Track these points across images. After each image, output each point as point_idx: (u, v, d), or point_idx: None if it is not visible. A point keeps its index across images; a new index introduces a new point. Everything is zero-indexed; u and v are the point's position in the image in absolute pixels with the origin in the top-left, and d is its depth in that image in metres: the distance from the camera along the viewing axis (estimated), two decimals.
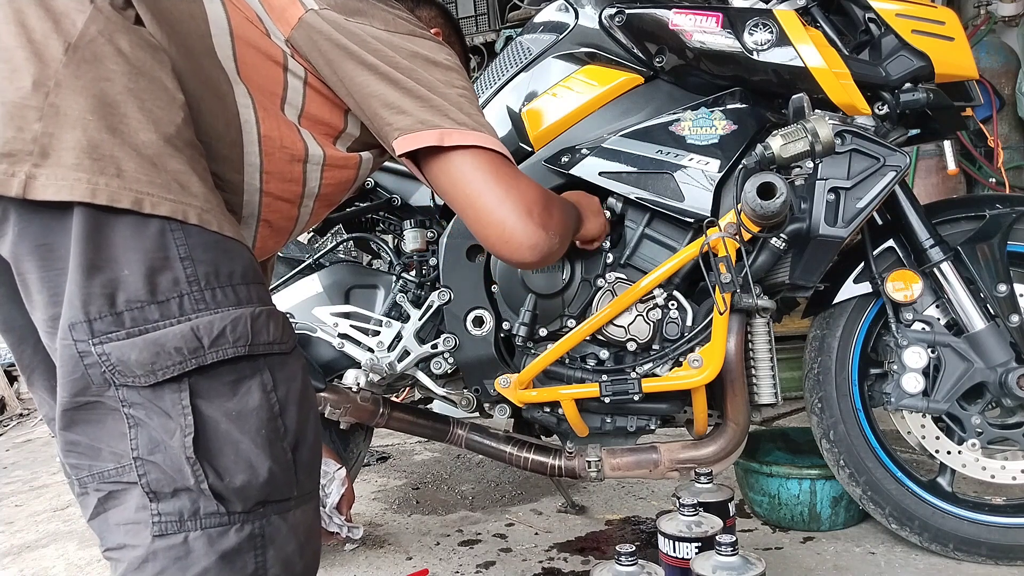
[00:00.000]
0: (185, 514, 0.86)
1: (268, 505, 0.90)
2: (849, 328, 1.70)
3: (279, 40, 1.07)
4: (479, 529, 2.04)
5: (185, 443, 0.84)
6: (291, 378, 0.93)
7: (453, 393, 1.70)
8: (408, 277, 1.70)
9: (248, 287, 0.91)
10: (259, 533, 0.89)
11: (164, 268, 0.84)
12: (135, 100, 0.85)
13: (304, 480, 0.95)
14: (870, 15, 1.57)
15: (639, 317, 1.56)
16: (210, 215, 0.88)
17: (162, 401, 0.85)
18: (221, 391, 0.87)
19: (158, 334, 0.83)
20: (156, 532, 0.86)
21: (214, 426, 0.86)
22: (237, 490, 0.87)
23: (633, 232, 1.61)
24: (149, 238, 0.83)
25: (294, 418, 0.92)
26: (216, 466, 0.86)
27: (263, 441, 0.88)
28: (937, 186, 3.31)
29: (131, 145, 0.83)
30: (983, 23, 3.53)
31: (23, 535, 2.34)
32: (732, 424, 1.56)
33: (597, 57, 1.67)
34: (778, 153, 1.40)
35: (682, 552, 1.31)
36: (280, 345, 0.92)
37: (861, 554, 1.72)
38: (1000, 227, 1.61)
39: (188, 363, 0.84)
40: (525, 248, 1.12)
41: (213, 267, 0.87)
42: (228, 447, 0.87)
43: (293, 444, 0.92)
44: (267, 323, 0.90)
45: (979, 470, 1.63)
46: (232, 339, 0.86)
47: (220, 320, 0.86)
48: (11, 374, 4.25)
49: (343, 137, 1.18)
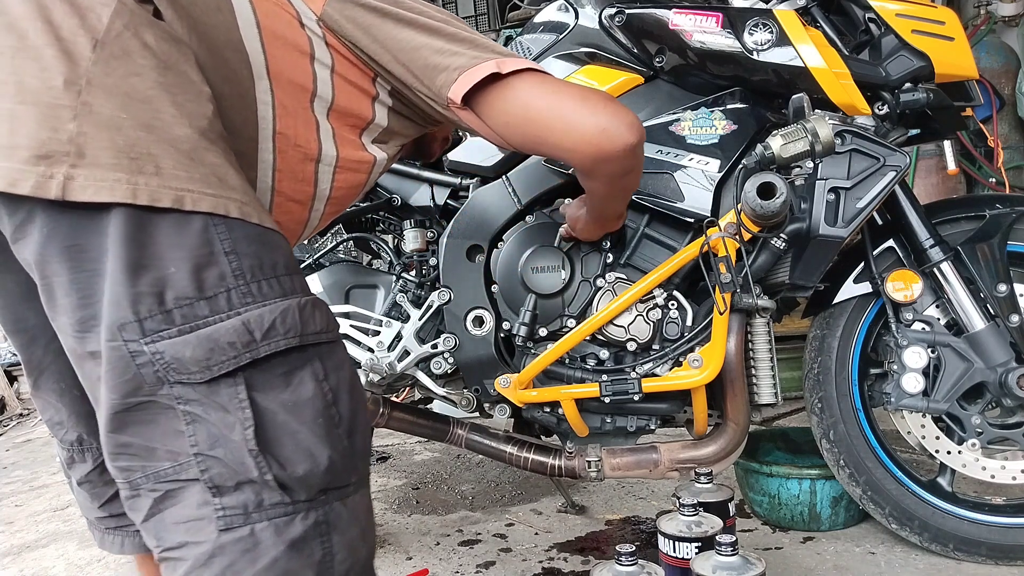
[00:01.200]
0: (250, 506, 0.85)
1: (330, 492, 0.90)
2: (849, 328, 1.70)
3: (310, 21, 1.06)
4: (479, 529, 2.04)
5: (247, 436, 0.84)
6: (340, 366, 0.93)
7: (453, 393, 1.70)
8: (408, 277, 1.70)
9: (291, 277, 0.90)
10: (323, 520, 0.89)
11: (210, 264, 0.83)
12: (167, 94, 0.83)
13: (360, 465, 0.95)
14: (870, 15, 1.57)
15: (639, 317, 1.56)
16: (249, 207, 0.87)
17: (219, 396, 0.84)
18: (275, 383, 0.86)
19: (210, 330, 0.82)
20: (222, 527, 0.85)
21: (272, 418, 0.86)
22: (300, 479, 0.87)
23: (633, 232, 1.61)
24: (193, 235, 0.82)
25: (347, 405, 0.92)
26: (278, 457, 0.86)
27: (321, 430, 0.88)
28: (937, 186, 3.31)
29: (167, 141, 0.82)
30: (983, 23, 3.53)
31: (23, 535, 2.34)
32: (732, 424, 1.56)
33: (597, 57, 1.67)
34: (778, 153, 1.40)
35: (682, 552, 1.31)
36: (327, 334, 0.92)
37: (861, 554, 1.72)
38: (1000, 227, 1.61)
39: (242, 357, 0.83)
40: (625, 128, 1.13)
41: (257, 260, 0.86)
42: (287, 437, 0.87)
43: (348, 430, 0.92)
44: (313, 313, 0.90)
45: (979, 470, 1.63)
46: (283, 331, 0.86)
47: (270, 312, 0.85)
48: (11, 374, 4.26)
49: (370, 128, 1.17)
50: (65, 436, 1.16)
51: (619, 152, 1.14)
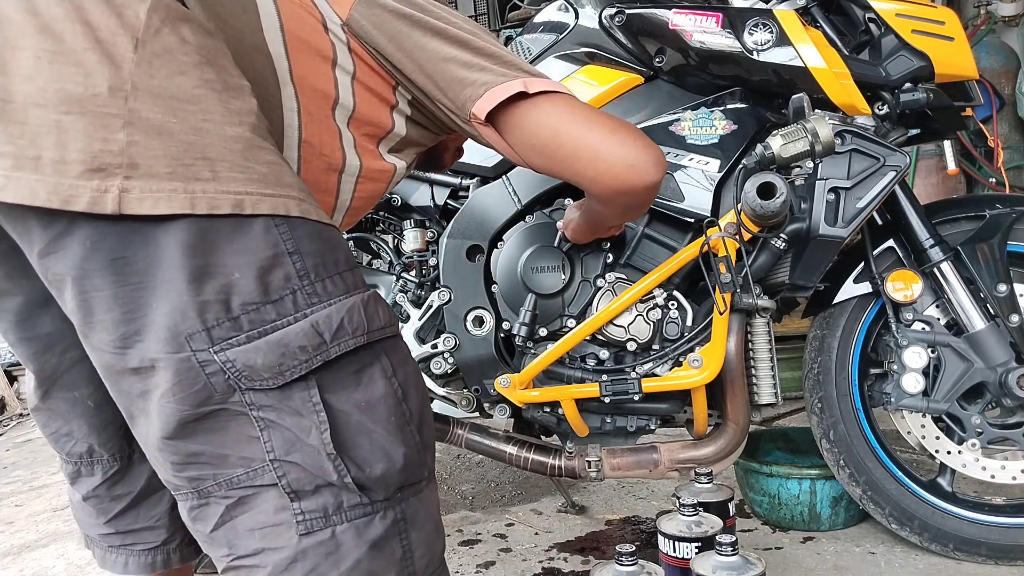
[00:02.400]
0: (329, 509, 0.84)
1: (405, 489, 0.89)
2: (849, 328, 1.70)
3: (335, 26, 1.04)
4: (479, 529, 2.04)
5: (324, 439, 0.82)
6: (405, 360, 0.92)
7: (453, 393, 1.70)
8: (408, 277, 1.70)
9: (353, 272, 0.88)
10: (401, 517, 0.88)
11: (274, 266, 0.80)
12: (213, 92, 0.80)
13: (430, 459, 0.94)
14: (870, 15, 1.57)
15: (639, 317, 1.56)
16: (308, 204, 0.85)
17: (292, 401, 0.82)
18: (347, 383, 0.85)
19: (280, 334, 0.80)
20: (302, 531, 0.84)
21: (346, 419, 0.84)
22: (378, 479, 0.86)
23: (633, 232, 1.61)
24: (255, 238, 0.80)
25: (416, 400, 0.91)
26: (355, 458, 0.85)
27: (394, 428, 0.87)
28: (937, 186, 3.31)
29: (220, 142, 0.79)
30: (983, 23, 3.53)
31: (23, 535, 2.33)
32: (732, 424, 1.56)
33: (597, 57, 1.67)
34: (778, 153, 1.40)
35: (682, 552, 1.31)
36: (391, 328, 0.90)
37: (861, 554, 1.72)
38: (1000, 227, 1.61)
39: (314, 360, 0.82)
40: (652, 166, 1.10)
41: (320, 257, 0.84)
42: (362, 438, 0.85)
43: (419, 425, 0.91)
44: (376, 308, 0.88)
45: (979, 470, 1.63)
46: (351, 330, 0.84)
47: (336, 312, 0.83)
48: (11, 374, 4.25)
49: (388, 138, 1.14)
50: (73, 448, 1.12)
51: (642, 188, 1.12)
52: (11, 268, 0.97)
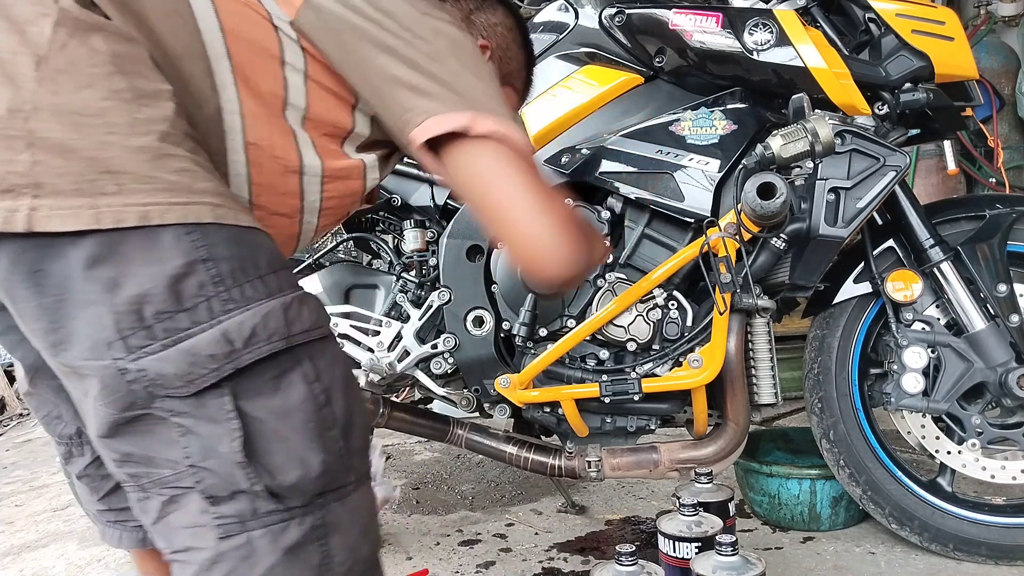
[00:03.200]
0: (245, 515, 0.85)
1: (327, 495, 0.89)
2: (849, 328, 1.69)
3: (283, 22, 1.00)
4: (479, 529, 2.04)
5: (234, 448, 0.83)
6: (333, 363, 0.90)
7: (453, 393, 1.70)
8: (408, 277, 1.70)
9: (277, 275, 0.87)
10: (320, 523, 0.88)
11: (187, 274, 0.81)
12: (121, 103, 0.80)
13: (358, 463, 0.93)
14: (870, 15, 1.57)
15: (639, 317, 1.56)
16: (224, 208, 0.84)
17: (206, 408, 0.83)
18: (264, 389, 0.85)
19: (190, 343, 0.81)
20: (220, 535, 0.86)
21: (261, 426, 0.85)
22: (292, 487, 0.86)
23: (633, 232, 1.61)
24: (165, 247, 0.80)
25: (341, 404, 0.90)
26: (268, 466, 0.85)
27: (312, 434, 0.86)
28: (937, 186, 3.31)
29: (125, 154, 0.80)
30: (983, 23, 3.53)
31: (23, 535, 2.33)
32: (732, 424, 1.56)
33: (597, 57, 1.67)
34: (778, 153, 1.40)
35: (682, 552, 1.31)
36: (317, 330, 0.89)
37: (861, 554, 1.72)
38: (1000, 227, 1.61)
39: (224, 368, 0.82)
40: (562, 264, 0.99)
41: (238, 262, 0.84)
42: (278, 445, 0.85)
43: (344, 430, 0.90)
44: (300, 310, 0.87)
45: (979, 470, 1.63)
46: (266, 335, 0.83)
47: (251, 318, 0.83)
48: (11, 374, 4.25)
49: (351, 138, 1.10)
50: (64, 430, 1.15)
51: (544, 280, 1.01)
52: None
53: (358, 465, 0.93)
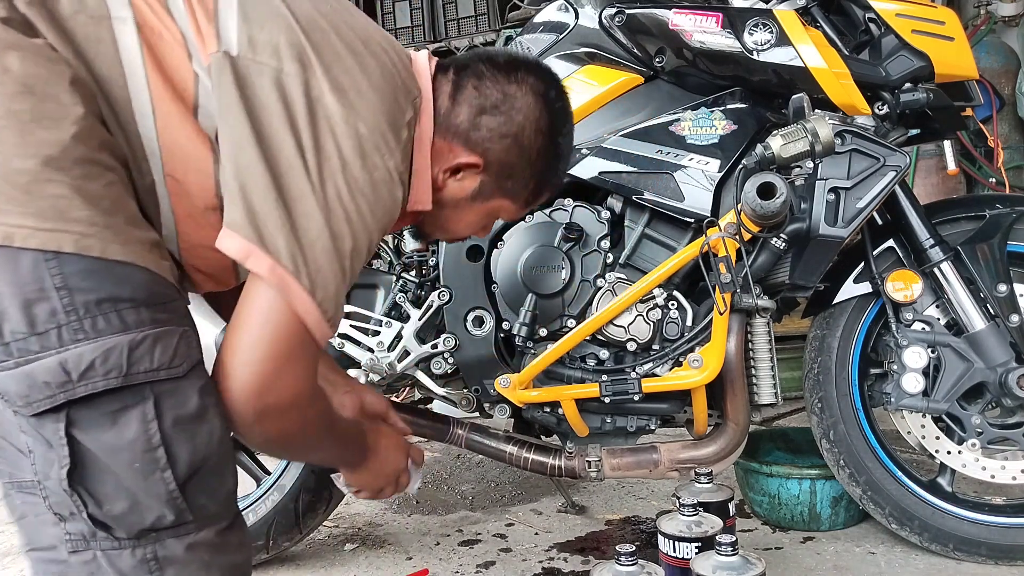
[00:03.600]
0: (87, 535, 0.88)
1: (161, 531, 0.90)
2: (849, 328, 1.69)
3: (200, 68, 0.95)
4: (479, 529, 2.04)
5: (61, 475, 0.86)
6: (181, 404, 0.90)
7: (453, 393, 1.70)
8: (408, 277, 1.70)
9: (138, 310, 0.87)
10: (151, 557, 0.90)
11: (40, 299, 0.83)
12: (16, 123, 0.83)
13: (204, 503, 0.92)
14: (870, 15, 1.57)
15: (639, 317, 1.56)
16: (92, 239, 0.85)
17: (45, 430, 0.86)
18: (100, 422, 0.86)
19: (30, 367, 0.83)
20: (70, 548, 0.89)
21: (92, 458, 0.87)
22: (116, 518, 0.88)
23: (633, 232, 1.61)
24: (23, 271, 0.82)
25: (184, 445, 0.90)
26: (95, 494, 0.87)
27: (137, 474, 0.87)
28: (937, 186, 3.31)
29: (4, 174, 0.82)
30: (983, 23, 3.53)
31: None
32: (732, 424, 1.56)
33: (597, 57, 1.67)
34: (778, 153, 1.40)
35: (682, 552, 1.31)
36: (169, 371, 0.88)
37: (861, 554, 1.72)
38: (1000, 227, 1.61)
39: (57, 397, 0.84)
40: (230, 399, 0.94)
41: (94, 295, 0.84)
42: (108, 476, 0.87)
43: (183, 472, 0.90)
44: (151, 349, 0.87)
45: (979, 470, 1.63)
46: (103, 371, 0.84)
47: (91, 351, 0.84)
48: None
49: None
50: None
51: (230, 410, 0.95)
52: None
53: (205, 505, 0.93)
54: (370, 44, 1.04)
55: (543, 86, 1.17)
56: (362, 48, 1.01)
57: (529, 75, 1.16)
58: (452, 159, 1.14)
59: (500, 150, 1.16)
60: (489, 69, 1.14)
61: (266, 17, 0.96)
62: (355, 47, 1.01)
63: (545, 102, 1.17)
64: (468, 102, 1.13)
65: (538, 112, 1.16)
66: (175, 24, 0.94)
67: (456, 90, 1.14)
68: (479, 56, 1.17)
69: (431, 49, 4.47)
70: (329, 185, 0.95)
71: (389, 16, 4.36)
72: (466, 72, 1.15)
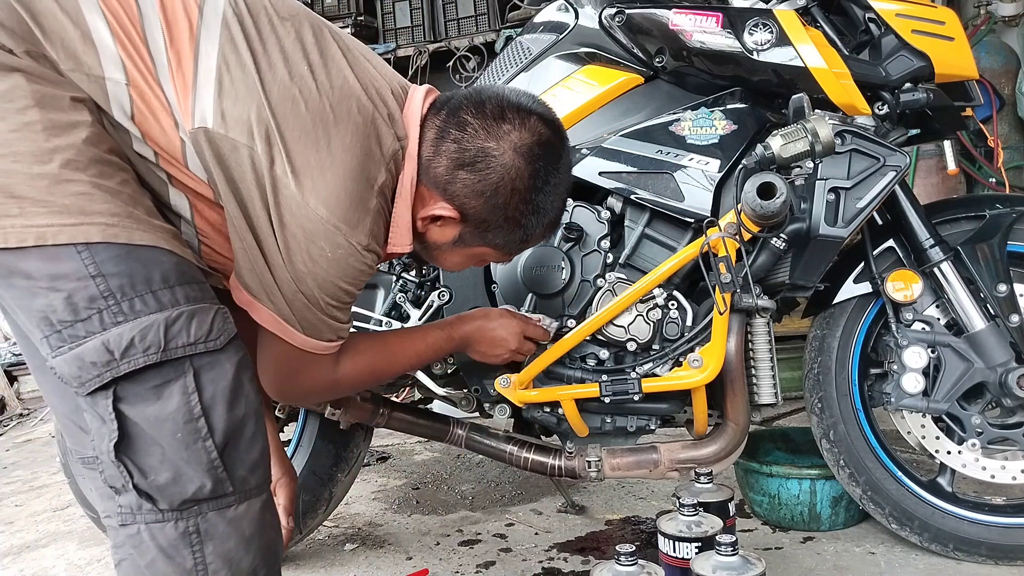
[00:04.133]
0: (133, 508, 0.95)
1: (203, 503, 0.95)
2: (849, 328, 1.69)
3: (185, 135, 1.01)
4: (479, 529, 2.04)
5: (109, 447, 0.92)
6: (220, 377, 0.97)
7: (453, 393, 1.70)
8: (408, 277, 1.70)
9: (172, 290, 0.95)
10: (193, 530, 0.95)
11: (80, 288, 0.90)
12: (30, 133, 0.89)
13: (244, 475, 0.99)
14: (870, 15, 1.57)
15: (639, 317, 1.56)
16: (116, 228, 0.92)
17: (98, 407, 0.93)
18: (145, 396, 0.93)
19: (79, 350, 0.91)
20: (120, 522, 0.96)
21: (138, 430, 0.93)
22: (160, 488, 0.94)
23: (633, 232, 1.61)
24: (61, 264, 0.90)
25: (223, 417, 0.96)
26: (141, 466, 0.94)
27: (179, 444, 0.94)
28: (937, 186, 3.31)
29: (27, 180, 0.88)
30: (983, 23, 3.53)
31: (23, 535, 2.33)
32: (732, 424, 1.56)
33: (597, 57, 1.67)
34: (778, 153, 1.40)
35: (682, 552, 1.31)
36: (207, 343, 0.96)
37: (861, 554, 1.72)
38: (1000, 227, 1.61)
39: (105, 375, 0.91)
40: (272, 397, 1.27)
41: (128, 278, 0.92)
42: (154, 448, 0.93)
43: (222, 443, 0.96)
44: (187, 324, 0.94)
45: (979, 470, 1.63)
46: (142, 348, 0.92)
47: (130, 331, 0.91)
48: (11, 374, 4.25)
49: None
50: None
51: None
52: None
53: (245, 478, 0.99)
54: (345, 104, 1.06)
55: (529, 140, 1.15)
56: (331, 116, 1.04)
57: (515, 129, 1.14)
58: (432, 208, 1.17)
59: (476, 206, 1.16)
60: (474, 119, 1.14)
61: (240, 90, 1.01)
62: (323, 116, 1.04)
63: (526, 159, 1.15)
64: (448, 154, 1.14)
65: (515, 172, 1.15)
66: (162, 91, 1.00)
67: (439, 138, 1.15)
68: (471, 99, 1.16)
69: (431, 49, 4.47)
70: (296, 259, 1.05)
71: (389, 16, 4.36)
72: (453, 119, 1.15)
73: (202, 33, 1.01)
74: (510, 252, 1.28)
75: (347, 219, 1.04)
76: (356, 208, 1.05)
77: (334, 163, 1.03)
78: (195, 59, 1.00)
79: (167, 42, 0.99)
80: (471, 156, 1.13)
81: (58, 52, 0.94)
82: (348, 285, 1.10)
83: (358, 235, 1.06)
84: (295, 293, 1.07)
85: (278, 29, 1.06)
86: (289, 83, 1.02)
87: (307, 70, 1.05)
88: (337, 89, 1.06)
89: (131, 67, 0.98)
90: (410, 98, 1.17)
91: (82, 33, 0.95)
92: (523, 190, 1.16)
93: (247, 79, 1.01)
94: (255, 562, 1.00)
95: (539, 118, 1.17)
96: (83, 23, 0.96)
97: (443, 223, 1.18)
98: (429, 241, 1.22)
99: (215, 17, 1.02)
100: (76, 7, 0.96)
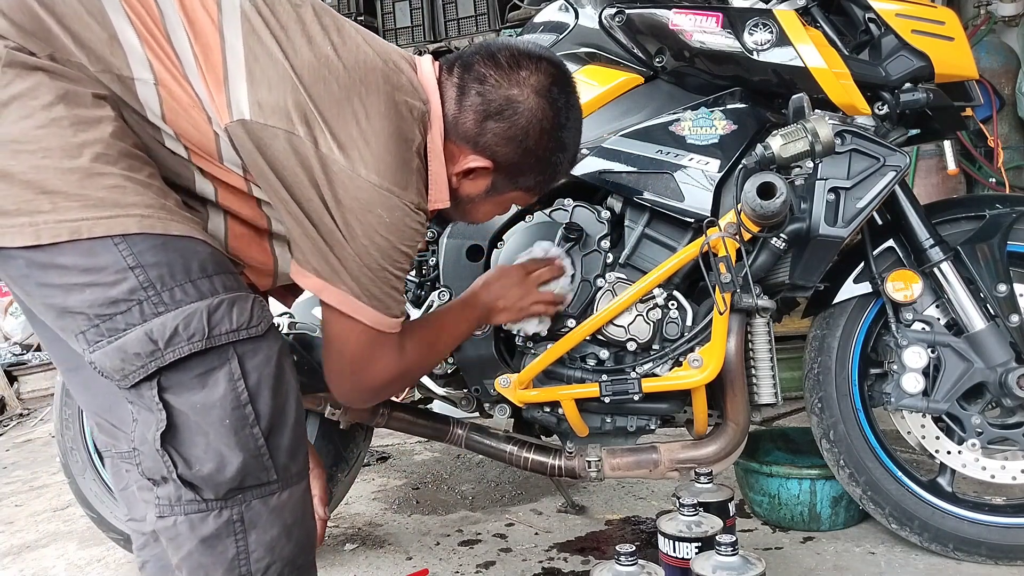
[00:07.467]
0: (172, 500, 0.94)
1: (247, 491, 0.95)
2: (849, 328, 1.69)
3: (219, 129, 1.02)
4: (479, 529, 2.04)
5: (155, 436, 0.92)
6: (264, 363, 0.97)
7: (453, 393, 1.70)
8: (408, 277, 1.70)
9: (210, 279, 0.95)
10: (238, 519, 0.94)
11: (119, 280, 0.90)
12: (58, 129, 0.89)
13: (286, 463, 0.99)
14: (870, 15, 1.57)
15: (639, 317, 1.56)
16: (152, 219, 0.92)
17: (143, 398, 0.93)
18: (190, 384, 0.93)
19: (121, 341, 0.90)
20: (157, 514, 0.95)
21: (184, 419, 0.93)
22: (205, 478, 0.93)
23: (633, 232, 1.61)
24: (97, 257, 0.90)
25: (268, 403, 0.96)
26: (186, 456, 0.93)
27: (228, 431, 0.93)
28: (937, 186, 3.31)
29: (58, 176, 0.88)
30: (983, 23, 3.53)
31: (23, 535, 2.33)
32: (732, 424, 1.56)
33: (597, 57, 1.67)
34: (778, 153, 1.40)
35: (682, 552, 1.31)
36: (249, 330, 0.96)
37: (861, 554, 1.72)
38: (1000, 227, 1.61)
39: (149, 365, 0.91)
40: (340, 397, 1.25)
41: (167, 268, 0.92)
42: (199, 437, 0.93)
43: (267, 429, 0.96)
44: (229, 312, 0.94)
45: (979, 470, 1.63)
46: (186, 336, 0.91)
47: (173, 319, 0.91)
48: (11, 374, 4.25)
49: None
50: None
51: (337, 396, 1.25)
52: None
53: (287, 464, 0.99)
54: (371, 76, 1.08)
55: (546, 82, 1.20)
56: (362, 88, 1.06)
57: (532, 74, 1.19)
58: (464, 163, 1.20)
59: (508, 152, 1.21)
60: (492, 71, 1.18)
61: (272, 78, 1.02)
62: (355, 89, 1.06)
63: (548, 100, 1.20)
64: (473, 108, 1.18)
65: (541, 112, 1.19)
66: (191, 88, 1.01)
67: (461, 95, 1.18)
68: (482, 54, 1.20)
69: (431, 49, 4.49)
70: (358, 231, 1.06)
71: (389, 16, 4.36)
72: (470, 74, 1.18)
73: (225, 27, 1.02)
74: (539, 192, 1.33)
75: (397, 181, 1.06)
76: (402, 170, 1.07)
77: (374, 131, 1.05)
78: (223, 54, 1.01)
79: (191, 39, 1.01)
80: (497, 106, 1.17)
81: (88, 55, 0.95)
82: (406, 248, 1.11)
83: (409, 195, 1.08)
84: (360, 268, 1.07)
85: (295, 13, 1.08)
86: (317, 64, 1.04)
87: (331, 49, 1.07)
88: (361, 63, 1.08)
89: (159, 66, 0.98)
90: (420, 64, 1.20)
91: (109, 35, 0.96)
92: (549, 129, 1.21)
93: (276, 66, 1.02)
94: (294, 551, 1.00)
95: (548, 61, 1.22)
96: (109, 25, 0.97)
97: (475, 175, 1.22)
98: (462, 195, 1.25)
99: (233, 11, 1.04)
100: (101, 9, 0.97)
